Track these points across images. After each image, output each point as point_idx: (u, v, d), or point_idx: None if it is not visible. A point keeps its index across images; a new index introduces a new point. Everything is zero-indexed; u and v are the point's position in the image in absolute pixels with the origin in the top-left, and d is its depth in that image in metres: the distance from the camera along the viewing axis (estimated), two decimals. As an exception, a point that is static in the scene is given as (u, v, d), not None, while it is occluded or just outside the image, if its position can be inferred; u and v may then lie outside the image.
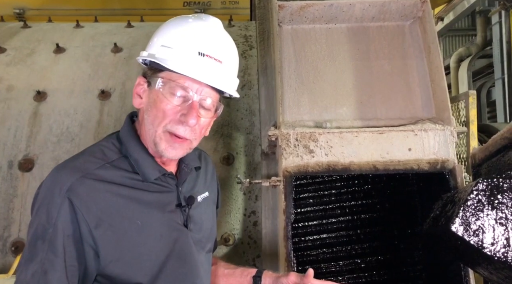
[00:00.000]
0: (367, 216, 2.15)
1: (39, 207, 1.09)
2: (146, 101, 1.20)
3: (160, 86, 1.15)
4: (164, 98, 1.15)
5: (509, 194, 1.33)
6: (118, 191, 1.15)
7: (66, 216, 1.08)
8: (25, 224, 2.40)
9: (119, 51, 2.97)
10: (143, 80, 1.22)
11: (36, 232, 1.08)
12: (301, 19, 2.08)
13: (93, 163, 1.15)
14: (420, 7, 2.06)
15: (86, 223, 1.09)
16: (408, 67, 2.06)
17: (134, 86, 1.23)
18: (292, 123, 1.92)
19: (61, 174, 1.11)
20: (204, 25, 1.21)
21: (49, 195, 1.09)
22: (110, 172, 1.15)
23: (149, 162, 1.20)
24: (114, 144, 1.21)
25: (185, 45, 1.16)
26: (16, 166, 2.49)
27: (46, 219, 1.08)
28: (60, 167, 1.14)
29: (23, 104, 2.67)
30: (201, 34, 1.19)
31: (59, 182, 1.09)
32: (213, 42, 1.19)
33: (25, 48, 3.00)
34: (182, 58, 1.14)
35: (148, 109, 1.19)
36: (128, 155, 1.20)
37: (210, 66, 1.17)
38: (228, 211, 2.47)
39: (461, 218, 1.35)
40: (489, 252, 1.31)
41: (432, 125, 1.87)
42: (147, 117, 1.19)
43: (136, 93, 1.23)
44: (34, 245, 1.08)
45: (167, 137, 1.17)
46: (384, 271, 2.12)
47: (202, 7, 4.82)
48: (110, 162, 1.17)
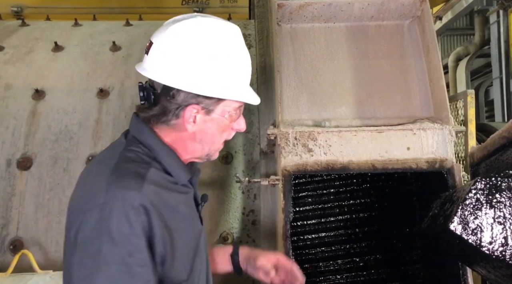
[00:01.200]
0: (365, 215, 2.15)
1: (113, 221, 1.03)
2: (202, 126, 1.23)
3: (227, 116, 1.24)
4: (229, 124, 1.26)
5: (507, 193, 1.33)
6: (168, 194, 1.17)
7: (145, 224, 1.07)
8: (23, 222, 2.40)
9: (117, 50, 2.96)
10: (198, 107, 1.21)
11: (120, 247, 1.03)
12: (300, 18, 2.08)
13: (144, 168, 1.14)
14: (419, 6, 2.06)
15: (159, 225, 1.11)
16: (407, 66, 2.06)
17: (184, 111, 1.20)
18: (291, 122, 1.93)
19: (125, 183, 1.08)
20: (238, 42, 1.26)
21: (123, 207, 1.05)
22: (157, 176, 1.16)
23: (181, 165, 1.24)
24: (142, 149, 1.21)
25: (246, 77, 1.27)
26: (14, 164, 2.49)
27: (128, 232, 1.04)
28: (115, 176, 1.09)
29: (22, 103, 2.67)
30: (247, 60, 1.28)
31: (127, 191, 1.06)
32: (249, 61, 1.30)
33: (23, 47, 2.99)
34: (243, 88, 1.25)
35: (206, 132, 1.24)
36: (160, 159, 1.20)
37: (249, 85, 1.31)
38: (227, 210, 2.47)
39: (459, 217, 1.35)
40: (487, 250, 1.32)
41: (430, 124, 1.87)
42: (201, 138, 1.24)
43: (188, 118, 1.21)
44: (124, 264, 1.03)
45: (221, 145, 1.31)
46: (382, 270, 2.12)
47: (201, 6, 4.82)
48: (152, 166, 1.17)
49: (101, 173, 1.12)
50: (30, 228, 2.40)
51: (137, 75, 3.16)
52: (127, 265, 1.02)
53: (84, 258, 1.04)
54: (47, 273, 2.08)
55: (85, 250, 1.04)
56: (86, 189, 1.13)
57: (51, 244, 2.38)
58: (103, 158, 1.22)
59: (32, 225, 2.40)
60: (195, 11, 4.76)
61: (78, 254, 1.05)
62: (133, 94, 2.70)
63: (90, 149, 2.53)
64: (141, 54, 3.42)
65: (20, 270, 2.12)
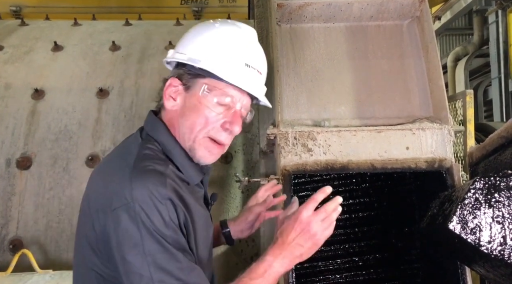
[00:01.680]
0: (365, 214, 2.16)
1: (146, 216, 1.05)
2: (182, 104, 1.21)
3: (205, 93, 1.18)
4: (208, 105, 1.18)
5: (506, 193, 1.34)
6: (184, 192, 1.17)
7: (174, 215, 1.09)
8: (23, 222, 2.40)
9: (117, 49, 2.97)
10: (178, 82, 1.21)
11: (158, 241, 1.05)
12: (299, 18, 2.09)
13: (162, 165, 1.14)
14: (418, 7, 2.07)
15: (185, 217, 1.13)
16: (406, 66, 2.07)
17: (165, 87, 1.22)
18: (291, 121, 1.93)
19: (149, 179, 1.08)
20: (245, 35, 1.25)
21: (152, 202, 1.06)
22: (173, 174, 1.16)
23: (193, 167, 1.24)
24: (157, 147, 1.21)
25: (234, 55, 1.20)
26: (14, 164, 2.49)
27: (162, 224, 1.06)
28: (138, 173, 1.10)
29: (21, 102, 2.67)
30: (246, 45, 1.23)
31: (154, 187, 1.07)
32: (256, 54, 1.25)
33: (22, 46, 2.99)
34: (231, 67, 1.18)
35: (186, 113, 1.20)
36: (173, 158, 1.21)
37: (254, 77, 1.23)
38: (226, 210, 2.48)
39: (458, 216, 1.36)
40: (486, 250, 1.32)
41: (429, 124, 1.88)
42: (183, 121, 1.20)
43: (168, 94, 1.22)
44: (166, 252, 1.06)
45: (206, 143, 1.21)
46: (381, 269, 2.13)
47: (200, 5, 4.82)
48: (169, 164, 1.18)
49: (121, 171, 1.12)
50: (30, 228, 2.40)
51: (137, 74, 3.17)
52: (170, 252, 1.06)
53: (127, 255, 1.05)
54: (47, 272, 2.09)
55: (126, 247, 1.06)
56: (107, 188, 1.12)
57: (51, 244, 2.38)
58: (119, 156, 1.22)
59: (32, 225, 2.41)
60: (194, 10, 4.77)
61: (119, 254, 1.07)
62: (132, 94, 2.70)
63: (90, 148, 2.54)
64: (141, 54, 3.43)
65: (20, 269, 2.12)
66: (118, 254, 1.07)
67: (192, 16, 4.73)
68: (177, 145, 1.22)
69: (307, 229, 1.19)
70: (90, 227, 1.13)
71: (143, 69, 2.82)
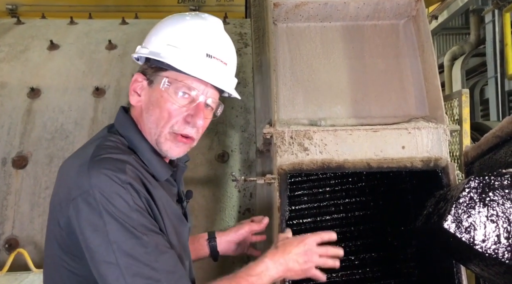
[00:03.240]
0: (361, 213, 2.16)
1: (107, 202, 1.03)
2: (146, 100, 1.19)
3: (165, 86, 1.16)
4: (170, 98, 1.16)
5: (500, 192, 1.34)
6: (151, 183, 1.15)
7: (138, 199, 1.07)
8: (19, 221, 2.40)
9: (113, 48, 2.96)
10: (142, 77, 1.21)
11: (123, 226, 1.03)
12: (296, 17, 2.09)
13: (123, 155, 1.12)
14: (414, 6, 2.07)
15: (149, 204, 1.11)
16: (402, 65, 2.07)
17: (130, 83, 1.22)
18: (287, 121, 1.93)
19: (107, 166, 1.06)
20: (208, 25, 1.22)
21: (111, 187, 1.03)
22: (137, 164, 1.14)
23: (160, 163, 1.21)
24: (121, 140, 1.19)
25: (193, 46, 1.17)
26: (9, 163, 2.49)
27: (125, 208, 1.03)
28: (95, 161, 1.07)
29: (17, 101, 2.66)
30: (208, 35, 1.20)
31: (112, 173, 1.05)
32: (219, 44, 1.21)
33: (18, 45, 2.98)
34: (190, 58, 1.15)
35: (150, 108, 1.18)
36: (139, 153, 1.19)
37: (217, 68, 1.19)
38: (223, 209, 2.48)
39: (453, 215, 1.36)
40: (480, 248, 1.33)
41: (425, 123, 1.88)
42: (148, 116, 1.18)
43: (133, 90, 1.22)
44: (133, 237, 1.03)
45: (172, 137, 1.18)
46: (377, 268, 2.13)
47: (197, 4, 4.81)
48: (132, 155, 1.16)
49: (79, 162, 1.10)
50: (26, 227, 2.40)
51: (133, 73, 3.16)
52: (136, 237, 1.03)
53: (91, 244, 1.03)
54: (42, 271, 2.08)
55: (90, 236, 1.03)
56: (66, 180, 1.11)
57: (47, 243, 2.38)
58: (79, 151, 1.20)
59: (27, 224, 2.40)
60: (191, 9, 4.76)
61: (84, 243, 1.04)
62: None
63: (86, 147, 2.53)
64: (137, 53, 3.36)
65: (15, 268, 2.12)
66: (83, 244, 1.05)
67: (189, 15, 4.71)
68: (144, 140, 1.20)
69: (308, 253, 1.26)
70: (56, 223, 1.11)
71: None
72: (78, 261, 1.09)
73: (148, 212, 1.09)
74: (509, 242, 1.31)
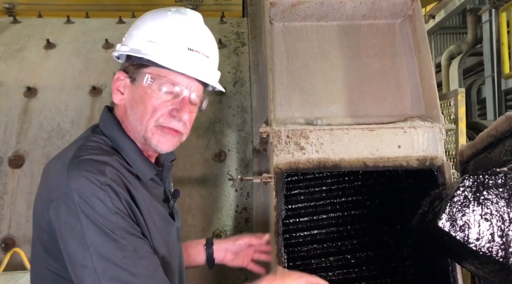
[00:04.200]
0: (357, 212, 2.17)
1: (85, 204, 1.01)
2: (130, 97, 1.18)
3: (149, 82, 1.14)
4: (154, 94, 1.15)
5: (494, 191, 1.35)
6: (133, 184, 1.13)
7: (117, 201, 1.05)
8: (15, 220, 2.39)
9: (110, 47, 2.95)
10: (124, 75, 1.19)
11: (101, 229, 1.01)
12: (292, 16, 2.09)
13: (104, 156, 1.10)
14: (410, 6, 2.08)
15: (130, 206, 1.09)
16: (398, 65, 2.08)
17: (113, 82, 1.20)
18: (284, 120, 1.94)
19: (86, 168, 1.04)
20: (188, 19, 1.21)
21: (90, 189, 1.02)
22: (119, 165, 1.12)
23: (145, 162, 1.20)
24: (104, 140, 1.18)
25: (174, 41, 1.16)
26: (6, 162, 2.48)
27: (105, 211, 1.02)
28: (75, 163, 1.06)
29: (13, 100, 2.65)
30: (188, 29, 1.19)
31: (92, 175, 1.03)
32: (200, 38, 1.21)
33: (15, 44, 2.97)
34: (172, 53, 1.14)
35: (134, 106, 1.17)
36: (123, 153, 1.17)
37: (199, 61, 1.18)
38: (219, 208, 2.48)
39: (447, 214, 1.37)
40: (474, 247, 1.34)
41: (421, 123, 1.89)
42: (133, 113, 1.17)
43: (116, 88, 1.20)
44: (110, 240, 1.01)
45: (159, 130, 1.17)
46: (373, 267, 2.14)
47: (194, 3, 4.81)
48: (115, 156, 1.14)
49: (60, 163, 1.09)
50: (22, 226, 2.39)
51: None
52: (114, 240, 1.02)
53: (69, 246, 1.03)
54: (39, 271, 2.08)
55: (68, 238, 1.03)
56: (46, 183, 1.10)
57: (44, 242, 2.37)
58: (61, 153, 1.19)
59: (24, 223, 2.40)
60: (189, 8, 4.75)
61: (62, 245, 1.04)
62: (126, 92, 2.69)
63: (83, 147, 2.53)
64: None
65: (12, 268, 2.11)
66: (62, 246, 1.04)
67: (187, 14, 4.71)
68: (128, 140, 1.19)
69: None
70: (38, 225, 1.10)
71: (136, 67, 2.81)
72: (60, 263, 1.08)
73: (129, 215, 1.08)
74: (503, 240, 1.32)
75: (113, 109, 1.26)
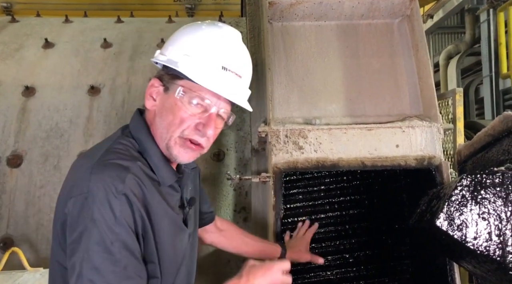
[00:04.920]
0: (355, 211, 2.18)
1: (96, 209, 1.04)
2: (161, 105, 1.22)
3: (180, 95, 1.18)
4: (183, 107, 1.18)
5: (492, 190, 1.36)
6: (150, 192, 1.16)
7: (128, 212, 1.07)
8: (13, 220, 2.39)
9: (108, 47, 2.95)
10: (159, 83, 1.23)
11: (101, 237, 1.03)
12: (291, 16, 2.09)
13: (129, 161, 1.14)
14: (408, 5, 2.09)
15: (141, 217, 1.11)
16: (397, 64, 2.09)
17: (147, 87, 1.24)
18: (282, 119, 1.94)
19: (108, 173, 1.08)
20: (226, 37, 1.24)
21: (105, 195, 1.05)
22: (141, 172, 1.15)
23: (167, 168, 1.23)
24: (132, 143, 1.21)
25: (209, 58, 1.18)
26: (4, 161, 2.48)
27: (111, 220, 1.04)
28: (100, 165, 1.10)
29: (12, 100, 2.65)
30: (225, 48, 1.22)
31: (111, 180, 1.06)
32: (235, 57, 1.23)
33: (13, 43, 2.96)
34: (206, 70, 1.17)
35: (163, 113, 1.20)
36: (148, 158, 1.21)
37: (231, 81, 1.21)
38: (218, 207, 2.48)
39: (445, 213, 1.38)
40: (472, 246, 1.34)
41: (419, 122, 1.89)
42: (161, 120, 1.21)
43: (149, 94, 1.24)
44: (106, 251, 1.03)
45: (181, 142, 1.20)
46: (372, 266, 2.15)
47: (193, 3, 4.80)
48: (138, 161, 1.17)
49: (87, 163, 1.13)
50: (21, 226, 2.39)
51: (129, 72, 3.16)
52: (110, 252, 1.03)
53: (69, 244, 1.06)
54: (37, 270, 2.08)
55: (70, 237, 1.06)
56: (71, 179, 1.14)
57: (42, 242, 2.37)
58: (92, 150, 1.23)
59: (22, 223, 2.39)
60: (187, 8, 4.74)
61: (67, 241, 1.07)
62: (124, 91, 2.69)
63: (81, 146, 2.52)
64: (133, 51, 3.42)
65: (10, 267, 2.11)
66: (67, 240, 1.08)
67: (185, 14, 4.71)
68: (154, 144, 1.22)
69: (274, 282, 1.24)
70: (56, 218, 1.14)
71: (135, 66, 2.81)
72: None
73: (135, 229, 1.09)
74: (500, 239, 1.33)
75: (143, 112, 1.29)
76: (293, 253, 1.78)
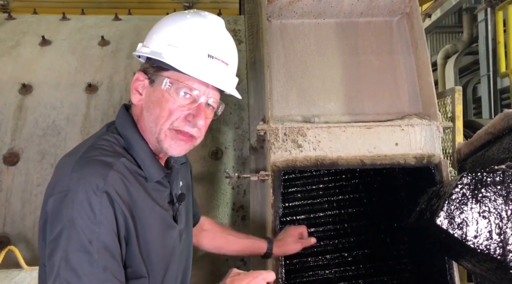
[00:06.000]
0: (354, 210, 2.17)
1: (75, 207, 1.01)
2: (147, 99, 1.19)
3: (167, 86, 1.15)
4: (171, 98, 1.15)
5: (492, 188, 1.35)
6: (135, 189, 1.13)
7: (109, 211, 1.04)
8: (10, 218, 2.37)
9: (106, 44, 2.93)
10: (143, 76, 1.20)
11: (79, 237, 1.00)
12: (290, 13, 2.08)
13: (112, 157, 1.11)
14: (407, 3, 2.08)
15: (123, 215, 1.08)
16: (396, 62, 2.08)
17: (132, 81, 1.21)
18: (281, 117, 1.93)
19: (89, 170, 1.05)
20: (210, 25, 1.21)
21: (85, 193, 1.02)
22: (124, 169, 1.12)
23: (154, 163, 1.20)
24: (117, 139, 1.18)
25: (194, 47, 1.16)
26: (0, 159, 2.46)
27: (90, 219, 1.01)
28: (81, 162, 1.07)
29: (8, 97, 2.63)
30: (209, 35, 1.19)
31: (92, 178, 1.03)
32: (221, 44, 1.21)
33: (9, 40, 2.94)
34: (192, 59, 1.15)
35: (150, 107, 1.18)
36: (134, 153, 1.18)
37: (218, 69, 1.19)
38: (216, 206, 2.47)
39: (445, 211, 1.37)
40: (472, 244, 1.34)
41: (418, 120, 1.89)
42: (149, 114, 1.18)
43: (134, 88, 1.21)
44: (85, 252, 1.00)
45: (172, 134, 1.17)
46: (370, 265, 2.14)
47: (191, 1, 4.78)
48: (123, 157, 1.14)
49: (69, 160, 1.10)
50: (17, 224, 2.37)
51: (126, 70, 3.14)
52: (88, 252, 1.01)
53: (48, 243, 1.04)
54: (34, 269, 2.06)
55: (49, 235, 1.03)
56: (54, 177, 1.12)
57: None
58: (76, 148, 1.19)
59: (19, 221, 2.38)
60: (185, 6, 4.73)
61: (47, 240, 1.05)
62: (121, 89, 2.68)
63: (78, 144, 2.51)
64: (130, 49, 3.41)
65: (6, 266, 2.09)
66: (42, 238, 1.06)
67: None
68: (141, 139, 1.20)
69: None
70: (40, 219, 1.11)
71: (132, 64, 2.79)
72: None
73: (116, 228, 1.06)
74: (501, 238, 1.32)
75: (130, 107, 1.26)
76: (279, 248, 1.69)
